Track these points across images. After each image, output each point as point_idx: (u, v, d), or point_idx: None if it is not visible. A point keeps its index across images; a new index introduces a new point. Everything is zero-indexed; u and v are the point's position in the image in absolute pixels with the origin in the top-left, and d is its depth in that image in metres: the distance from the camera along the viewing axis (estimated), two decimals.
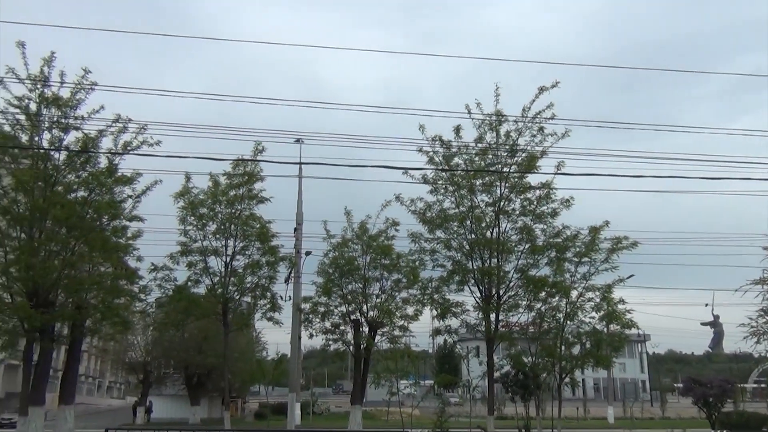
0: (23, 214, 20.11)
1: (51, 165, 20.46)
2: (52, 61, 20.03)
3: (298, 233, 27.95)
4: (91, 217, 21.07)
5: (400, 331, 26.23)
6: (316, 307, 26.07)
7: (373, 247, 26.04)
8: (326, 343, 26.97)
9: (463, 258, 22.15)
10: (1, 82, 19.03)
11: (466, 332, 24.50)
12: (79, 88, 20.30)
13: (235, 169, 23.03)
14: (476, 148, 21.77)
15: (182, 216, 22.81)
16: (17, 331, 20.41)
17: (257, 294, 23.33)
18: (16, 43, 19.19)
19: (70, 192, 21.00)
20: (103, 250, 21.10)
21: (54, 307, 20.72)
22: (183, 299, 23.16)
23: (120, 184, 21.11)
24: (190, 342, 40.29)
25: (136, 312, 27.38)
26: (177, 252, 22.75)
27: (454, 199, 22.17)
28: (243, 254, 23.11)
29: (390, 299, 26.11)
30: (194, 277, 23.02)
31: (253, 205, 23.22)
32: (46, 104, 19.96)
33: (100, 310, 21.82)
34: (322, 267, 26.51)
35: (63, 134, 20.35)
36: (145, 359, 44.13)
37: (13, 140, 20.07)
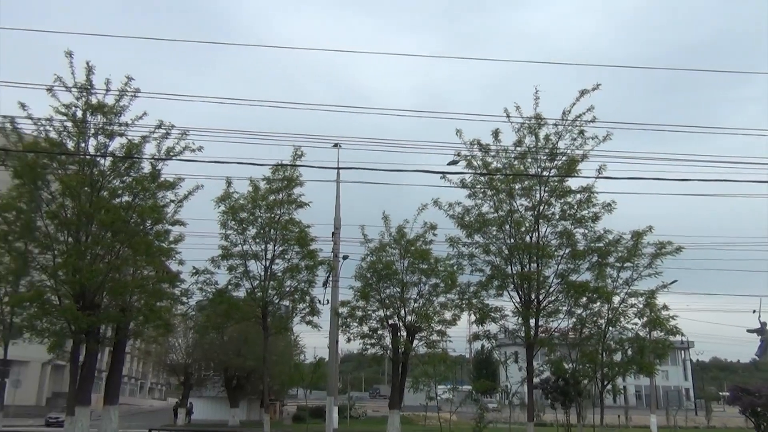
0: (71, 218, 20.66)
1: (97, 171, 21.00)
2: (92, 70, 20.56)
3: (336, 237, 27.99)
4: (135, 222, 21.54)
5: (437, 335, 26.15)
6: (354, 311, 26.13)
7: (411, 251, 26.03)
8: (364, 347, 27.00)
9: (502, 263, 21.94)
10: (50, 90, 19.60)
11: (505, 337, 24.27)
12: (123, 95, 20.80)
13: (275, 174, 23.26)
14: (515, 152, 21.55)
15: (223, 220, 23.11)
16: (65, 332, 20.96)
17: (296, 298, 23.50)
18: (65, 52, 19.76)
19: (114, 197, 21.52)
20: (146, 254, 21.56)
21: (99, 309, 21.24)
22: (223, 302, 23.46)
23: (163, 188, 21.57)
24: (229, 345, 40.79)
25: (178, 315, 27.83)
26: (218, 256, 23.07)
27: (493, 204, 21.98)
28: (282, 258, 23.32)
29: (428, 304, 26.05)
30: (235, 280, 23.30)
31: (292, 210, 23.44)
32: (92, 111, 20.50)
33: (143, 313, 22.30)
34: (359, 271, 26.59)
35: (108, 140, 20.89)
36: (186, 361, 44.84)
37: (60, 147, 20.62)
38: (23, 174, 20.00)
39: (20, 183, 20.39)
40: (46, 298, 20.67)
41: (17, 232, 20.96)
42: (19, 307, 21.77)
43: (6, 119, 19.82)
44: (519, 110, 21.34)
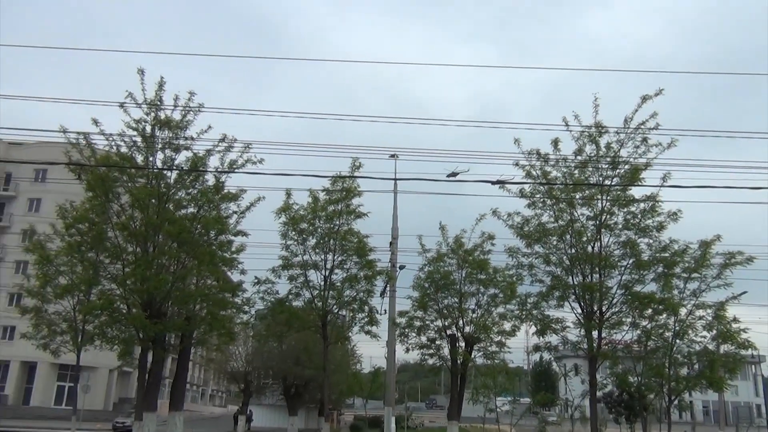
0: (139, 229, 21.45)
1: (164, 183, 21.74)
2: (163, 86, 21.37)
3: (393, 247, 28.14)
4: (200, 232, 22.19)
5: (496, 346, 25.91)
6: (412, 321, 26.17)
7: (469, 261, 25.91)
8: (422, 357, 26.99)
9: (563, 273, 21.56)
10: (122, 106, 20.44)
11: (566, 349, 23.81)
12: (188, 111, 21.51)
13: (334, 185, 23.56)
14: (575, 161, 21.21)
15: (284, 231, 23.52)
16: (133, 340, 21.73)
17: (355, 307, 23.68)
18: (137, 70, 20.61)
19: (180, 208, 22.24)
20: (210, 264, 22.15)
21: (166, 317, 21.93)
22: (284, 312, 23.83)
23: (226, 200, 22.19)
24: (288, 353, 41.32)
25: (239, 323, 28.43)
26: (279, 266, 23.48)
27: (553, 213, 21.67)
28: (341, 268, 23.55)
29: (486, 314, 25.85)
30: (295, 290, 23.65)
31: (351, 220, 23.64)
32: (160, 126, 21.28)
33: (207, 322, 22.89)
34: (417, 281, 26.60)
35: (174, 154, 21.63)
36: (246, 369, 45.66)
37: (130, 161, 21.47)
38: (95, 187, 20.90)
39: (93, 196, 21.31)
40: (115, 306, 21.50)
41: (89, 242, 21.91)
42: (90, 315, 22.66)
43: (80, 135, 20.76)
44: (578, 119, 21.03)
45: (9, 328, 54.49)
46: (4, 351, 54.87)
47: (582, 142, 21.12)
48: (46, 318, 24.08)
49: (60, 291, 22.88)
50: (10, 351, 54.11)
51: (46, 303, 24.00)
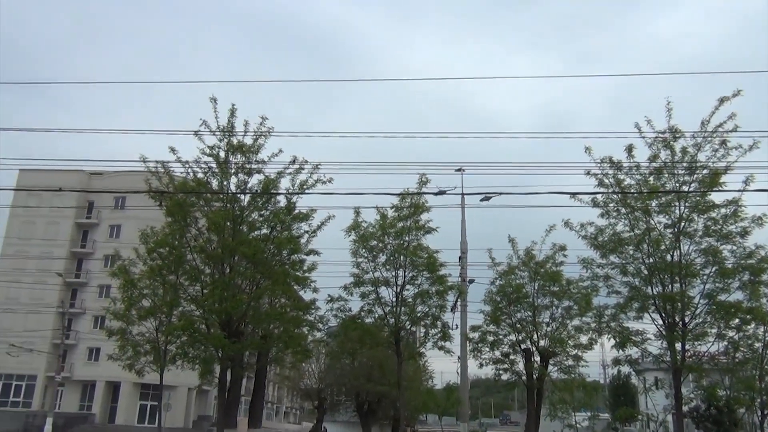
0: (215, 252, 22.19)
1: (238, 206, 22.45)
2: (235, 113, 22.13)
3: (463, 261, 27.99)
4: (273, 253, 22.73)
5: (573, 360, 25.33)
6: (484, 335, 25.89)
7: (541, 273, 25.50)
8: (496, 372, 26.63)
9: (641, 283, 20.88)
10: (197, 134, 21.28)
11: (647, 362, 22.99)
12: (260, 135, 22.16)
13: (402, 202, 23.67)
14: (650, 167, 20.59)
15: (354, 249, 23.74)
16: (213, 359, 22.39)
17: (428, 323, 23.62)
18: (210, 98, 21.43)
19: (254, 230, 22.88)
20: (283, 284, 22.63)
21: (243, 337, 22.51)
22: (357, 328, 24.00)
23: (297, 220, 22.68)
24: (361, 370, 41.53)
25: (313, 341, 28.83)
26: (350, 283, 23.68)
27: (628, 222, 21.05)
28: (413, 284, 23.54)
29: (561, 327, 25.34)
30: (367, 307, 23.78)
31: (421, 236, 23.66)
32: (233, 151, 21.99)
33: (282, 340, 23.37)
34: (489, 295, 26.33)
35: (247, 177, 22.33)
36: (320, 386, 46.15)
37: (206, 186, 22.27)
38: (174, 212, 21.80)
39: (172, 221, 22.20)
40: (196, 327, 22.24)
41: (170, 266, 22.79)
42: (172, 336, 23.48)
43: (158, 163, 21.70)
44: (651, 124, 20.45)
45: (95, 350, 56.91)
46: (91, 371, 57.33)
47: (656, 148, 20.51)
48: (131, 339, 25.03)
49: (143, 313, 23.81)
50: (96, 371, 56.47)
51: (130, 325, 24.95)
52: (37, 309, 57.31)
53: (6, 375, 57.47)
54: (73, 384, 57.84)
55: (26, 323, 56.88)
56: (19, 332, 55.43)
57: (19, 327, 56.43)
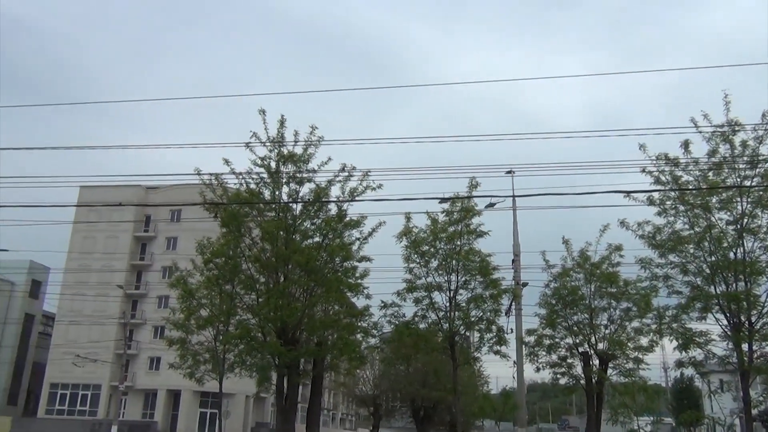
0: (270, 261, 22.52)
1: (290, 215, 22.76)
2: (284, 123, 22.48)
3: (516, 264, 27.64)
4: (325, 261, 22.94)
5: (633, 363, 24.75)
6: (541, 339, 25.54)
7: (597, 275, 25.02)
8: (554, 376, 26.23)
9: (703, 283, 20.21)
10: (248, 146, 21.68)
11: (713, 364, 22.22)
12: (309, 144, 22.44)
13: (452, 206, 23.56)
14: (709, 163, 19.95)
15: (406, 254, 23.73)
16: (270, 367, 22.72)
17: (482, 327, 23.41)
18: (259, 110, 21.83)
19: (306, 238, 23.14)
20: (336, 291, 22.81)
21: (299, 344, 22.76)
22: (411, 334, 23.96)
23: (349, 228, 22.83)
24: (415, 376, 41.40)
25: (368, 347, 28.93)
26: (403, 289, 23.67)
27: (687, 220, 20.43)
28: (466, 288, 23.36)
29: (620, 330, 24.82)
30: (421, 312, 23.71)
31: (472, 240, 23.48)
32: (284, 161, 22.33)
33: (338, 347, 23.54)
34: (544, 298, 25.99)
35: (298, 187, 22.62)
36: (375, 393, 46.20)
37: (259, 196, 22.66)
38: (228, 223, 22.25)
39: (227, 231, 22.66)
40: (252, 335, 22.62)
41: (226, 275, 23.27)
42: (230, 345, 23.93)
43: (212, 176, 22.19)
44: (707, 118, 19.82)
45: (155, 359, 58.53)
46: (152, 380, 58.95)
47: (715, 143, 19.85)
48: (190, 348, 25.61)
49: (202, 322, 24.35)
50: (158, 380, 58.06)
51: (189, 334, 25.54)
52: (100, 320, 59.35)
53: (73, 385, 59.63)
54: (136, 393, 59.57)
55: (90, 334, 58.99)
56: (84, 343, 57.51)
57: (83, 338, 58.56)
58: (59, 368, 58.89)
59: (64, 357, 57.37)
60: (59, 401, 59.90)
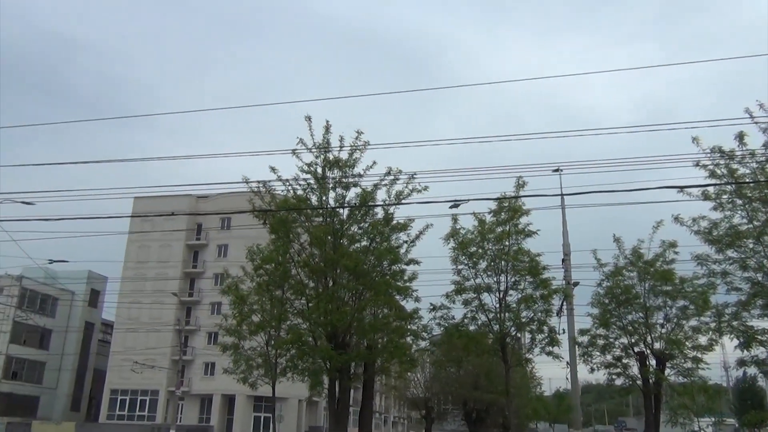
0: (318, 265, 22.74)
1: (337, 220, 22.94)
2: (329, 129, 22.69)
3: (566, 264, 27.21)
4: (373, 264, 23.03)
5: (692, 363, 24.12)
6: (594, 339, 25.13)
7: (651, 273, 24.51)
8: (609, 377, 25.77)
9: (764, 278, 19.53)
10: (294, 152, 21.95)
11: None
12: (355, 149, 22.58)
13: (500, 206, 23.36)
14: (766, 154, 19.25)
15: (454, 256, 23.63)
16: (322, 370, 22.91)
17: (534, 328, 23.11)
18: (305, 117, 22.11)
19: (354, 243, 23.28)
20: (385, 294, 22.86)
21: (349, 348, 22.90)
22: (461, 336, 23.83)
23: (396, 231, 22.86)
24: (466, 378, 41.19)
25: (418, 350, 28.90)
26: (452, 291, 23.57)
27: (746, 214, 19.75)
28: (515, 289, 23.12)
29: (677, 328, 24.24)
30: (470, 314, 23.57)
31: (521, 240, 23.23)
32: (330, 167, 22.53)
33: (388, 350, 23.59)
34: (596, 297, 25.58)
35: (345, 191, 22.80)
36: (426, 395, 46.10)
37: (306, 202, 22.92)
38: (277, 229, 22.57)
39: (275, 238, 22.99)
40: (304, 339, 22.85)
41: (276, 281, 23.60)
42: (282, 349, 24.23)
43: (260, 183, 22.55)
44: (764, 107, 19.14)
45: (210, 364, 59.67)
46: (208, 385, 60.11)
47: None
48: (243, 354, 26.01)
49: (254, 328, 24.70)
50: (213, 385, 59.16)
51: (242, 340, 25.94)
52: (156, 327, 60.88)
53: (132, 390, 61.26)
54: (192, 397, 60.82)
55: (147, 341, 60.58)
56: (142, 350, 59.06)
57: (141, 345, 60.14)
58: (118, 374, 60.65)
59: (122, 363, 59.08)
60: (119, 407, 61.63)
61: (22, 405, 61.91)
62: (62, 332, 66.60)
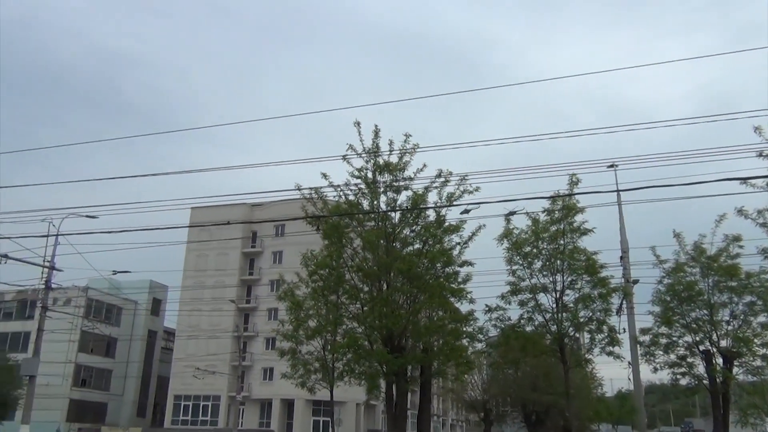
0: (372, 269, 22.85)
1: (389, 224, 23.01)
2: (378, 134, 22.80)
3: (625, 261, 26.62)
4: (426, 267, 22.99)
5: (762, 361, 23.24)
6: (656, 338, 24.49)
7: (715, 268, 23.74)
8: (673, 377, 25.06)
9: None
10: (345, 158, 22.15)
11: None
12: (404, 152, 22.61)
13: (553, 205, 23.01)
14: None
15: (508, 257, 23.40)
16: (378, 374, 22.98)
17: (593, 328, 22.64)
18: (354, 123, 22.28)
19: (406, 246, 23.31)
20: (439, 296, 22.78)
21: (405, 351, 22.91)
22: (518, 337, 23.55)
23: (448, 233, 22.77)
24: (525, 380, 40.61)
25: (474, 352, 28.69)
26: (507, 292, 23.33)
27: None
28: (572, 288, 22.71)
29: (745, 325, 23.39)
30: (527, 315, 23.27)
31: (576, 238, 22.81)
32: (380, 171, 22.63)
33: (444, 353, 23.49)
34: (657, 295, 24.94)
35: (396, 195, 22.85)
36: (484, 397, 45.68)
37: (357, 207, 23.07)
38: (330, 235, 22.80)
39: (329, 243, 23.23)
40: (359, 343, 22.98)
41: (331, 286, 23.83)
42: (339, 354, 24.42)
43: (312, 190, 22.83)
44: None
45: (268, 370, 60.68)
46: (267, 390, 61.14)
47: None
48: (301, 358, 26.32)
49: (310, 333, 24.98)
50: (272, 390, 60.14)
51: (299, 345, 26.27)
52: (216, 334, 62.31)
53: (194, 396, 62.84)
54: (252, 402, 61.94)
55: (207, 348, 62.06)
56: (203, 356, 60.50)
57: (202, 351, 61.64)
58: (181, 381, 62.31)
59: (185, 370, 60.67)
60: (183, 412, 63.30)
61: (92, 411, 64.35)
62: (127, 340, 68.96)
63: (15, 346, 60.95)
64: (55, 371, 56.27)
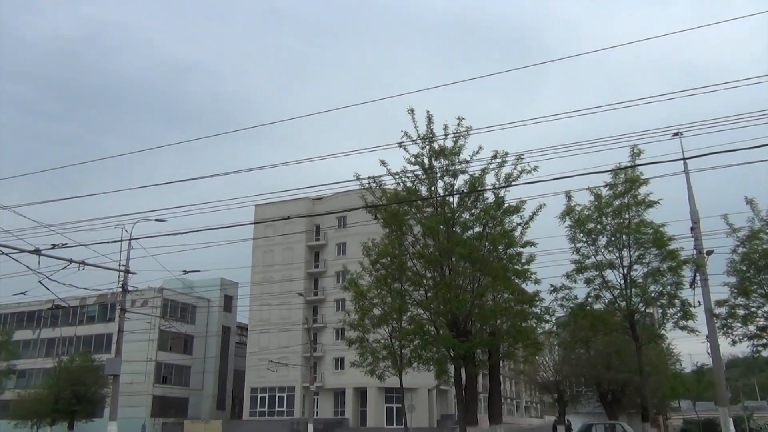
0: (433, 255, 22.87)
1: (448, 209, 22.95)
2: (432, 119, 22.70)
3: (696, 232, 25.64)
4: (488, 250, 22.84)
5: None
6: (733, 310, 23.51)
7: None
8: (754, 349, 24.03)
9: None
10: (401, 145, 22.17)
11: None
12: (459, 136, 22.46)
13: (616, 178, 22.41)
14: None
15: (571, 234, 22.98)
16: (446, 359, 23.05)
17: (664, 302, 21.98)
18: (407, 109, 22.26)
19: (467, 230, 23.20)
20: (503, 279, 22.61)
21: (471, 335, 22.87)
22: (586, 316, 23.14)
23: (508, 214, 22.54)
24: (598, 358, 39.84)
25: (543, 333, 28.35)
26: (572, 270, 22.92)
27: None
28: (640, 263, 22.12)
29: None
30: (594, 292, 22.82)
31: (642, 211, 22.15)
32: (436, 157, 22.57)
33: (511, 335, 23.33)
34: (732, 265, 23.90)
35: (453, 179, 22.76)
36: (557, 378, 45.10)
37: (416, 193, 23.10)
38: (390, 223, 22.93)
39: (389, 231, 23.37)
40: (425, 329, 23.09)
41: (393, 274, 23.99)
42: (405, 340, 24.62)
43: (371, 179, 22.97)
44: None
45: (339, 359, 61.67)
46: (339, 380, 62.18)
47: None
48: (369, 347, 26.67)
49: (376, 321, 25.29)
50: (344, 379, 61.12)
51: (366, 333, 26.62)
52: (286, 327, 63.73)
53: (270, 388, 64.57)
54: (326, 392, 63.11)
55: (279, 341, 63.57)
56: (275, 349, 62.04)
57: (274, 345, 63.20)
58: (256, 374, 64.12)
59: (259, 363, 62.41)
60: (260, 404, 65.14)
61: (174, 406, 67.06)
62: (202, 337, 71.40)
63: (99, 347, 64.15)
64: (137, 369, 58.91)
